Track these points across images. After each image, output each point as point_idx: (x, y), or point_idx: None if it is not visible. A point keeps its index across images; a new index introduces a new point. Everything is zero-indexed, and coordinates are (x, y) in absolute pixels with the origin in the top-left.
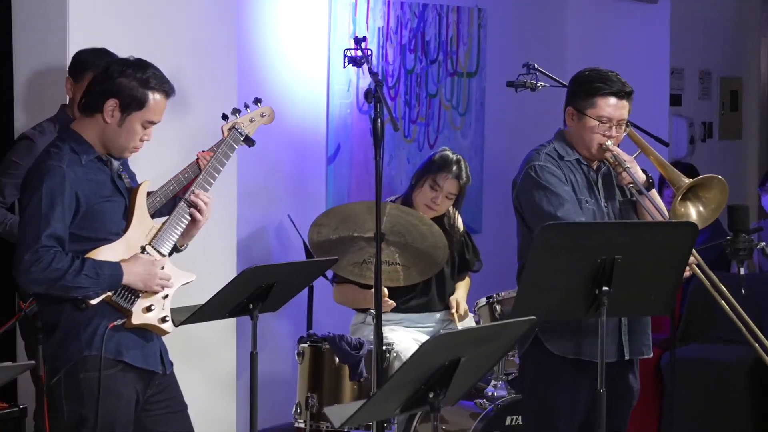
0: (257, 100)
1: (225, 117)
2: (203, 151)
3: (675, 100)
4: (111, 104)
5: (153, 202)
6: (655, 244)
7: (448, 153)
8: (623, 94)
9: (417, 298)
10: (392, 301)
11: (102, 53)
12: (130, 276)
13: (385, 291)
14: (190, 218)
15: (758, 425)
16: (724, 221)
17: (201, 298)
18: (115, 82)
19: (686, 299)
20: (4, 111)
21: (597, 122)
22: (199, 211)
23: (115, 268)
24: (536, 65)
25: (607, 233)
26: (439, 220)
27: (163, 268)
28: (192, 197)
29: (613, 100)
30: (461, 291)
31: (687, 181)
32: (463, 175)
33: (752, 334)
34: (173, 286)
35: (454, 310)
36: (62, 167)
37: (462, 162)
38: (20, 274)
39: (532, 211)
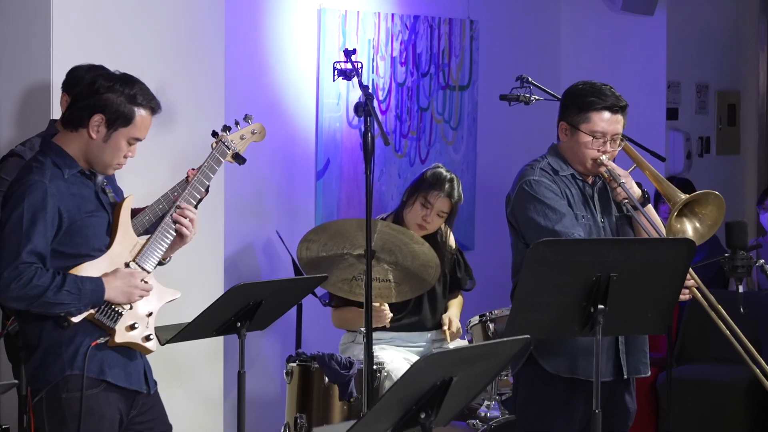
0: (248, 117)
1: (215, 134)
2: (193, 169)
3: (672, 114)
4: (97, 120)
5: (142, 221)
6: (652, 261)
7: (441, 170)
8: (617, 108)
9: (408, 316)
10: (390, 313)
11: (99, 70)
12: (111, 291)
13: (386, 305)
14: (175, 234)
15: None
16: (722, 238)
17: (187, 316)
18: (101, 98)
19: (683, 318)
20: None
21: (591, 137)
22: (185, 226)
23: (97, 283)
24: (530, 78)
25: (602, 250)
26: (430, 237)
27: (146, 282)
28: (176, 213)
29: (606, 114)
30: (454, 309)
31: (683, 196)
32: (455, 193)
33: (749, 355)
34: (154, 304)
35: (446, 328)
36: (44, 182)
37: (455, 180)
38: (0, 292)
39: (528, 226)
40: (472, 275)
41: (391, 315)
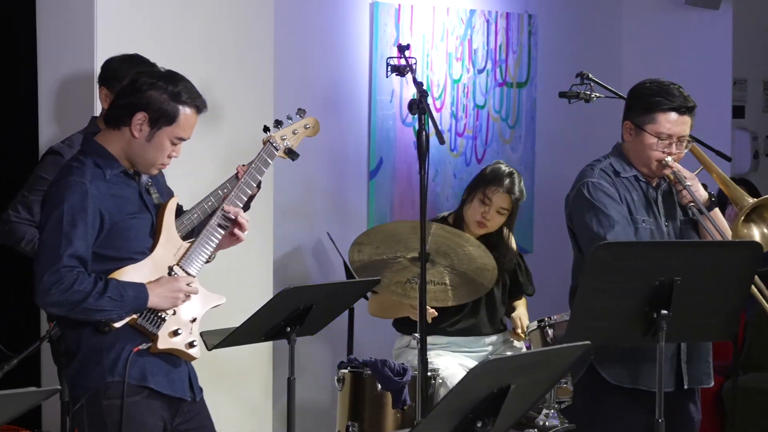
0: (300, 111)
1: (266, 129)
2: (243, 165)
3: (738, 112)
4: (139, 118)
5: (190, 218)
6: (717, 265)
7: (501, 166)
8: (685, 109)
9: (465, 320)
10: (434, 310)
11: (135, 61)
12: (155, 298)
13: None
14: (220, 237)
15: None
16: None
17: (235, 320)
18: (144, 95)
19: (749, 324)
20: (29, 122)
21: (656, 139)
22: (239, 226)
23: (140, 289)
24: (590, 75)
25: (664, 253)
26: (490, 237)
27: (190, 284)
28: (222, 217)
29: (674, 115)
30: (522, 308)
31: (751, 200)
32: (516, 189)
33: None
34: (199, 309)
35: (519, 330)
36: (85, 183)
37: (515, 175)
38: (39, 296)
39: (582, 231)
40: (532, 281)
41: (435, 314)
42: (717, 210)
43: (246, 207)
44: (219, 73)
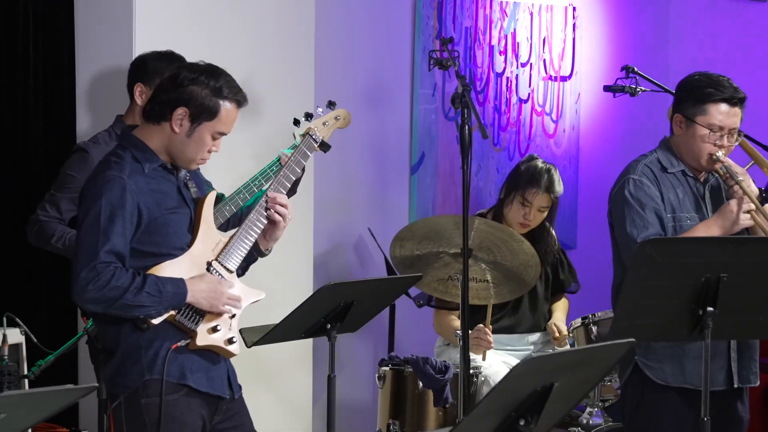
0: (331, 103)
1: (296, 122)
2: (285, 152)
3: None
4: (180, 113)
5: (222, 211)
6: (764, 261)
7: (537, 163)
8: (736, 100)
9: (507, 317)
10: (492, 342)
11: (169, 57)
12: (195, 294)
13: (489, 329)
14: (261, 228)
15: None
16: None
17: (275, 317)
18: (186, 90)
19: None
20: (66, 118)
21: (707, 131)
22: (280, 214)
23: (179, 285)
24: (636, 68)
25: (711, 250)
26: (533, 232)
27: (232, 287)
28: (270, 203)
29: (724, 107)
30: (559, 313)
31: None
32: (555, 187)
33: None
34: (242, 307)
35: (556, 335)
36: (123, 177)
37: (552, 171)
38: (77, 293)
39: (618, 228)
40: (576, 277)
41: (492, 345)
42: None
43: (293, 191)
44: (259, 67)
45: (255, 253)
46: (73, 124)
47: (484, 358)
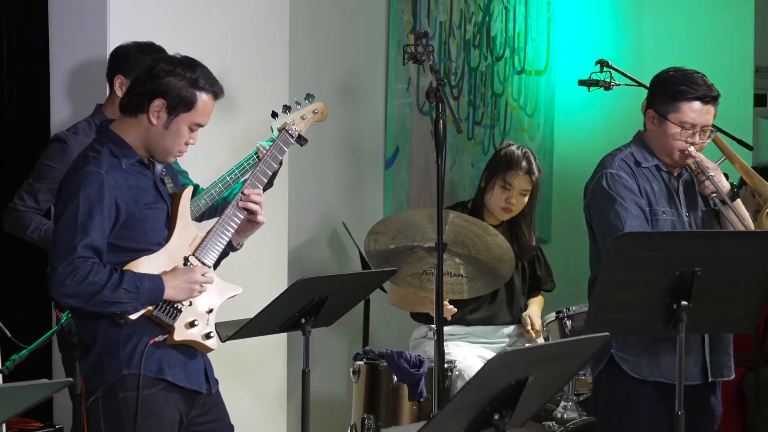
0: (309, 96)
1: (274, 114)
2: (263, 145)
3: (760, 100)
4: (157, 104)
5: (198, 205)
6: (738, 255)
7: (513, 148)
8: (709, 98)
9: (483, 309)
10: (453, 307)
11: (151, 49)
12: (171, 290)
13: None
14: (238, 223)
15: None
16: None
17: (250, 312)
18: (162, 82)
19: None
20: (40, 108)
21: (680, 128)
22: (254, 211)
23: (156, 281)
24: (610, 63)
25: (686, 244)
26: (515, 223)
27: (206, 275)
28: (242, 200)
29: (698, 105)
30: (535, 307)
31: None
32: (534, 168)
33: None
34: (215, 300)
35: (529, 328)
36: (101, 173)
37: (530, 154)
38: (54, 287)
39: (599, 223)
40: (552, 277)
41: (453, 309)
42: (739, 201)
43: (269, 185)
44: (233, 61)
45: (227, 248)
46: (48, 115)
47: (449, 318)
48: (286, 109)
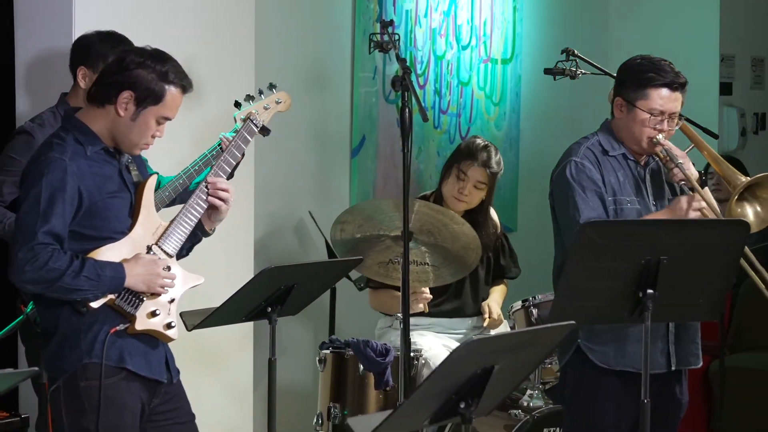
0: (272, 86)
1: (237, 104)
2: (226, 136)
3: (725, 88)
4: (125, 96)
5: (161, 197)
6: (704, 244)
7: (476, 139)
8: (677, 85)
9: (449, 301)
10: (430, 295)
11: (113, 38)
12: (132, 278)
13: (426, 289)
14: (201, 212)
15: None
16: None
17: (216, 300)
18: (132, 74)
19: (737, 303)
20: (5, 97)
21: (648, 115)
22: (222, 199)
23: (117, 269)
24: (576, 51)
25: (652, 232)
26: (471, 213)
27: (169, 268)
28: (210, 189)
29: (665, 91)
30: (495, 295)
31: (744, 179)
32: (492, 162)
33: None
34: (178, 289)
35: (486, 316)
36: (65, 160)
37: (491, 148)
38: (14, 273)
39: (560, 211)
40: (517, 263)
41: (430, 297)
42: (707, 189)
43: (230, 176)
44: (199, 50)
45: (199, 233)
46: (13, 106)
47: (425, 309)
48: (249, 98)
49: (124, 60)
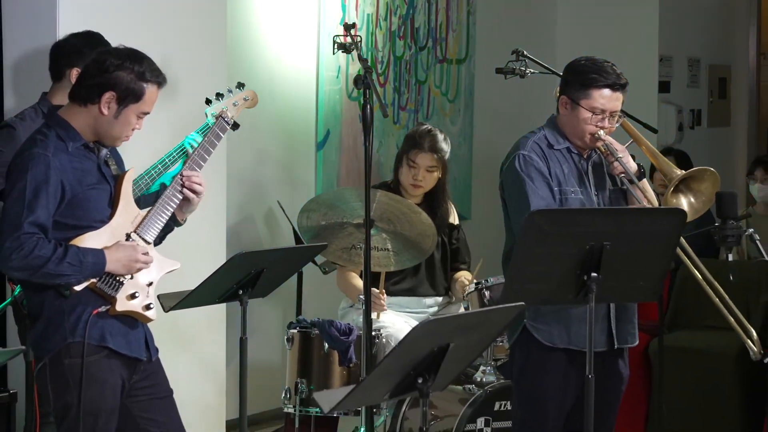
0: (240, 85)
1: (208, 101)
2: (193, 147)
3: (664, 87)
4: (108, 97)
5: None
6: (643, 230)
7: (419, 127)
8: (618, 86)
9: (406, 281)
10: (385, 306)
11: (94, 39)
12: (112, 264)
13: (383, 292)
14: (178, 202)
15: (746, 412)
16: (712, 208)
17: (191, 284)
18: (112, 76)
19: (675, 285)
20: None
21: (590, 113)
22: (196, 192)
23: (98, 255)
24: (525, 52)
25: (595, 220)
26: (432, 195)
27: (147, 254)
28: (186, 182)
29: (607, 92)
30: (465, 272)
31: (679, 172)
32: (437, 146)
33: (738, 321)
34: (155, 274)
35: (466, 282)
36: (47, 155)
37: (434, 132)
38: (1, 261)
39: (511, 200)
40: (469, 254)
41: (385, 307)
42: (645, 180)
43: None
44: (175, 50)
45: (172, 224)
46: (2, 102)
47: (378, 317)
48: (219, 96)
49: (104, 63)
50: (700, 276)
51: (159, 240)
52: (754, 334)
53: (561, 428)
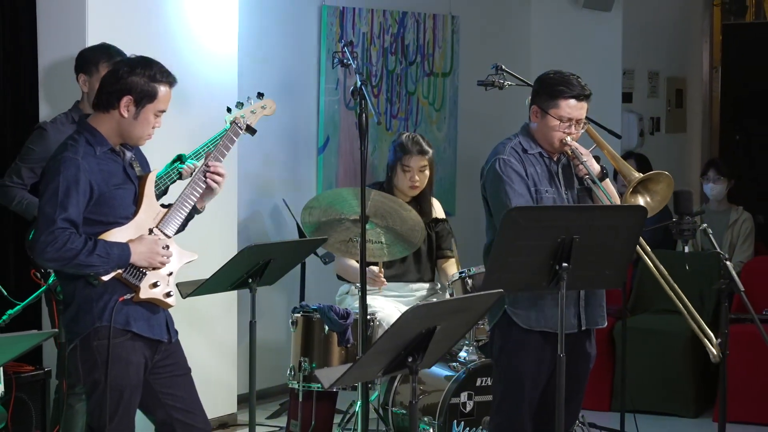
0: (260, 95)
1: (229, 110)
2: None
3: (627, 97)
4: (126, 101)
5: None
6: (609, 225)
7: (402, 137)
8: (583, 96)
9: (394, 268)
10: (385, 282)
11: (105, 50)
12: (136, 255)
13: (382, 271)
14: (197, 197)
15: (698, 386)
16: (670, 205)
17: (206, 273)
18: (127, 82)
19: (636, 274)
20: (30, 101)
21: (558, 121)
22: (217, 182)
23: (123, 248)
24: (503, 66)
25: (566, 216)
26: (418, 203)
27: (167, 247)
28: (210, 172)
29: (573, 102)
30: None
31: (638, 175)
32: (425, 147)
33: (686, 308)
34: (175, 264)
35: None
36: (77, 159)
37: (418, 137)
38: (36, 254)
39: (493, 200)
40: (455, 247)
41: (385, 283)
42: (608, 180)
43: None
44: (193, 64)
45: (193, 212)
46: (36, 107)
47: (380, 290)
48: (239, 105)
49: (118, 72)
50: (657, 272)
51: (182, 227)
52: (714, 337)
53: (536, 401)
